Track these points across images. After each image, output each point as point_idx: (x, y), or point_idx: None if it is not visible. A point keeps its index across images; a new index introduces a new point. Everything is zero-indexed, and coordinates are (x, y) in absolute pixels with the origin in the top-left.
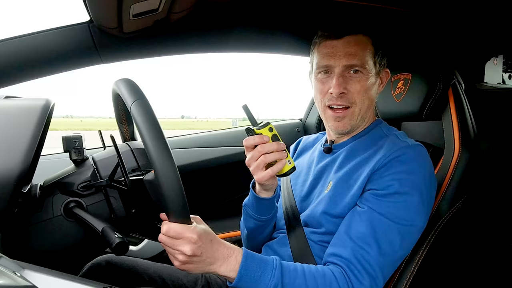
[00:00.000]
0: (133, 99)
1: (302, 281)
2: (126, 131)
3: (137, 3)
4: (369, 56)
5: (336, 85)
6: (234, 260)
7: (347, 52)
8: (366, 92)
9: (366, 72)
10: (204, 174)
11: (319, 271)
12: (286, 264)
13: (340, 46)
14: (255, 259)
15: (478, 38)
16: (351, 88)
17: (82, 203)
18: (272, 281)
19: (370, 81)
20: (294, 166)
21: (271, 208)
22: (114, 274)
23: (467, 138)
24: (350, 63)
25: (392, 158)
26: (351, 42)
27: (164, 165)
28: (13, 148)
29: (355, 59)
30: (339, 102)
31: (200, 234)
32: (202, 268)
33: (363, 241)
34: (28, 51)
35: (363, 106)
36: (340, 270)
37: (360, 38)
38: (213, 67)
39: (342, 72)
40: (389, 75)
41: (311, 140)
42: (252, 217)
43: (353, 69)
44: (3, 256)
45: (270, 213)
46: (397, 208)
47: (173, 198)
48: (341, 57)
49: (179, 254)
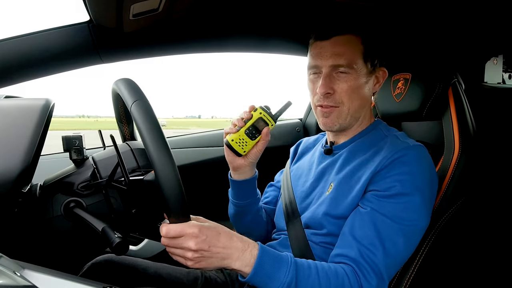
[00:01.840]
0: (133, 99)
1: (316, 278)
2: (126, 130)
3: (137, 3)
4: (358, 56)
5: (322, 85)
6: (249, 254)
7: (333, 52)
8: (355, 91)
9: (354, 71)
10: (204, 174)
11: (331, 269)
12: (300, 261)
13: (328, 46)
14: (271, 254)
15: (478, 38)
16: (338, 88)
17: (82, 203)
18: (287, 278)
19: (359, 81)
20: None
21: (247, 193)
22: (114, 274)
23: (467, 138)
24: (336, 63)
25: (394, 159)
26: (339, 42)
27: (164, 166)
28: (13, 148)
29: (342, 59)
30: (325, 102)
31: (201, 227)
32: (217, 263)
33: (368, 242)
34: (28, 51)
35: (352, 105)
36: (351, 269)
37: (348, 38)
38: (215, 66)
39: (329, 72)
40: (387, 74)
41: (311, 141)
42: (231, 202)
43: (340, 69)
44: (3, 256)
45: (246, 199)
46: (400, 209)
47: (173, 198)
48: (328, 58)
49: (187, 252)
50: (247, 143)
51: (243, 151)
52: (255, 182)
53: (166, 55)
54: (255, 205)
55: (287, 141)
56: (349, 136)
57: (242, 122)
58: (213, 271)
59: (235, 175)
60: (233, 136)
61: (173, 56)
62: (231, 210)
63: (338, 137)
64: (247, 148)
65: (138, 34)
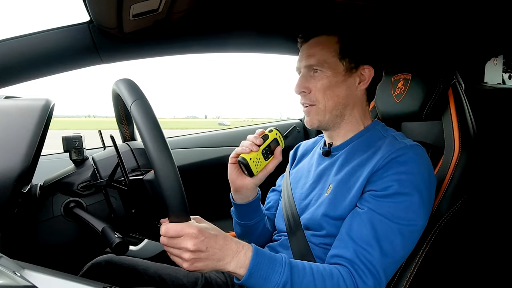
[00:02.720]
0: (133, 99)
1: (311, 279)
2: (126, 131)
3: (137, 3)
4: (331, 55)
5: (296, 85)
6: (243, 256)
7: (307, 53)
8: (329, 89)
9: (326, 70)
10: (204, 174)
11: (326, 270)
12: (295, 262)
13: (305, 48)
14: (265, 256)
15: (478, 38)
16: (313, 87)
17: (82, 203)
18: (281, 279)
19: (334, 79)
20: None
21: (252, 214)
22: (114, 274)
23: (467, 138)
24: (308, 63)
25: (391, 159)
26: (313, 43)
27: (164, 165)
28: (13, 148)
29: (312, 59)
30: (303, 100)
31: (201, 228)
32: (212, 265)
33: (364, 242)
34: (28, 51)
35: (328, 103)
36: (347, 270)
37: (322, 38)
38: (214, 66)
39: (306, 72)
40: (372, 71)
41: (310, 144)
42: (237, 222)
43: (313, 69)
44: (3, 256)
45: (252, 219)
46: (397, 209)
47: (173, 198)
48: (303, 59)
49: (184, 252)
50: (261, 162)
51: (257, 170)
52: (259, 201)
53: (166, 56)
54: (262, 222)
55: (287, 142)
56: (346, 137)
57: (260, 141)
58: (213, 272)
59: (238, 198)
60: (251, 155)
61: (174, 56)
62: (237, 230)
63: (333, 138)
64: (260, 168)
65: (138, 34)
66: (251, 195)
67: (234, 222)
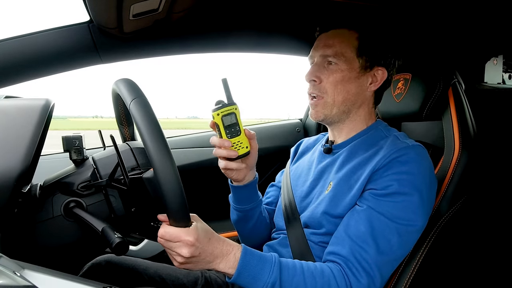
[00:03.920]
0: (132, 98)
1: (301, 278)
2: (126, 132)
3: (137, 3)
4: (349, 49)
5: (308, 72)
6: (233, 257)
7: (325, 43)
8: (341, 83)
9: (341, 64)
10: (204, 174)
11: (317, 268)
12: (285, 261)
13: (323, 38)
14: (254, 256)
15: (478, 38)
16: (324, 78)
17: (82, 203)
18: (270, 278)
19: (348, 74)
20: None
21: (250, 198)
22: (114, 274)
23: (467, 138)
24: (325, 53)
25: (392, 158)
26: (332, 34)
27: (164, 164)
28: (13, 148)
29: (330, 49)
30: (311, 90)
31: (198, 235)
32: (202, 266)
33: (361, 239)
34: (28, 51)
35: (338, 97)
36: (339, 268)
37: (342, 31)
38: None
39: (320, 62)
40: (385, 74)
41: (311, 141)
42: (234, 207)
43: (328, 59)
44: (3, 256)
45: (249, 203)
46: (396, 208)
47: (173, 199)
48: (320, 48)
49: (177, 256)
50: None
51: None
52: (256, 186)
53: (166, 55)
54: (258, 208)
55: (287, 142)
56: (348, 135)
57: (219, 135)
58: (213, 272)
59: (236, 182)
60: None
61: (174, 56)
62: (233, 216)
63: (337, 135)
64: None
65: (138, 34)
66: (249, 178)
67: (231, 209)
